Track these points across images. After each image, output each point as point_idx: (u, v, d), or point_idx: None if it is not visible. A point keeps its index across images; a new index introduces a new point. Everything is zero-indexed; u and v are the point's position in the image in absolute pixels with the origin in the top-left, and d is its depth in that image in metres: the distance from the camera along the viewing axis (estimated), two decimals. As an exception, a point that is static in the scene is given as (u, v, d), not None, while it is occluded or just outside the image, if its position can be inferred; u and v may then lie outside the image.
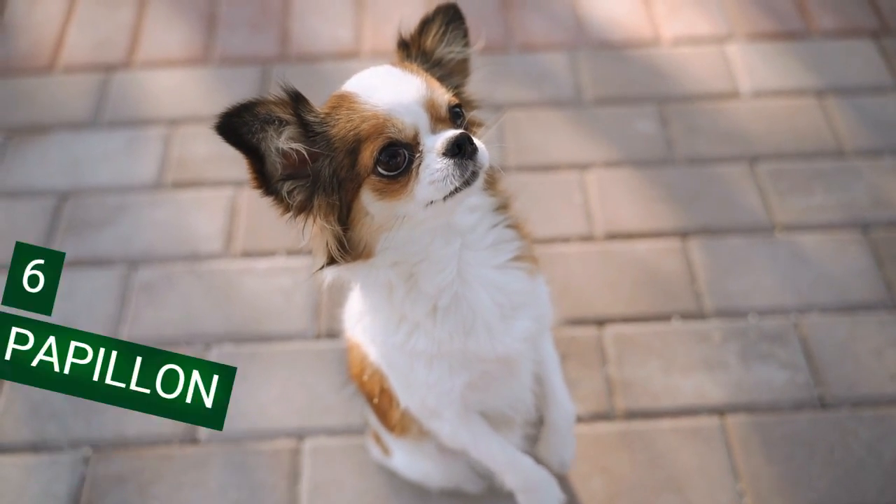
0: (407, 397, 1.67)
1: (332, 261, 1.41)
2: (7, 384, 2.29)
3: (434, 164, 1.33)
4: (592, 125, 2.87)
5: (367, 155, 1.34)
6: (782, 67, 3.01)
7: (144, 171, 2.78)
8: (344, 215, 1.38)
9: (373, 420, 1.97)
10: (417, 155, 1.35)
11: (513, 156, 2.77)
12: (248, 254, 2.56)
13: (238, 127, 1.30)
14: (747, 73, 2.98)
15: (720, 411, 2.19)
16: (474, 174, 1.36)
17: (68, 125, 2.93)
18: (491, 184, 1.53)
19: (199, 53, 3.13)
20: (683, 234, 2.56)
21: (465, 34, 1.54)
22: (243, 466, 2.13)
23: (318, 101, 1.51)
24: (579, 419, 2.18)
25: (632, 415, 2.20)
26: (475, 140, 1.36)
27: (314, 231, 1.41)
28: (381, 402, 1.77)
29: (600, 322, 2.37)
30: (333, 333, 2.38)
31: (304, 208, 1.38)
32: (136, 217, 2.66)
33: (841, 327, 2.34)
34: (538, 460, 1.84)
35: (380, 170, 1.34)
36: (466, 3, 1.60)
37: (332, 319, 2.41)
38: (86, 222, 2.65)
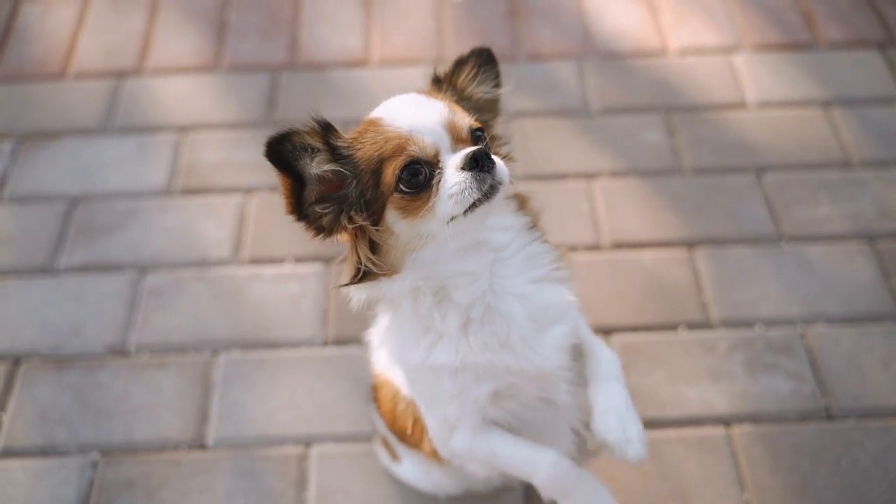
0: (430, 415, 1.65)
1: (357, 278, 1.45)
2: (17, 388, 2.31)
3: (452, 178, 1.38)
4: (599, 135, 2.89)
5: (390, 173, 1.39)
6: (789, 78, 3.02)
7: (154, 178, 2.80)
8: (371, 237, 1.43)
9: (381, 427, 1.97)
10: (437, 171, 1.39)
11: (520, 165, 2.78)
12: (256, 260, 2.58)
13: (285, 153, 1.37)
14: (754, 84, 3.00)
15: (726, 421, 2.20)
16: (493, 188, 1.39)
17: (79, 131, 2.95)
18: (522, 204, 1.57)
19: (210, 60, 3.16)
20: (690, 244, 2.57)
21: (497, 76, 1.60)
22: (251, 472, 2.14)
23: (328, 110, 1.53)
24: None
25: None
26: (494, 157, 1.40)
27: (345, 251, 1.47)
28: (414, 433, 1.76)
29: (607, 331, 2.37)
30: (341, 340, 2.39)
31: (332, 230, 1.44)
32: (146, 223, 2.68)
33: (847, 338, 2.34)
34: (605, 450, 1.60)
35: (402, 187, 1.39)
36: (475, 11, 1.62)
37: (340, 326, 2.42)
38: (96, 228, 2.67)
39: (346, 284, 1.48)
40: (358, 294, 1.51)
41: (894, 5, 3.24)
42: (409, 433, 1.77)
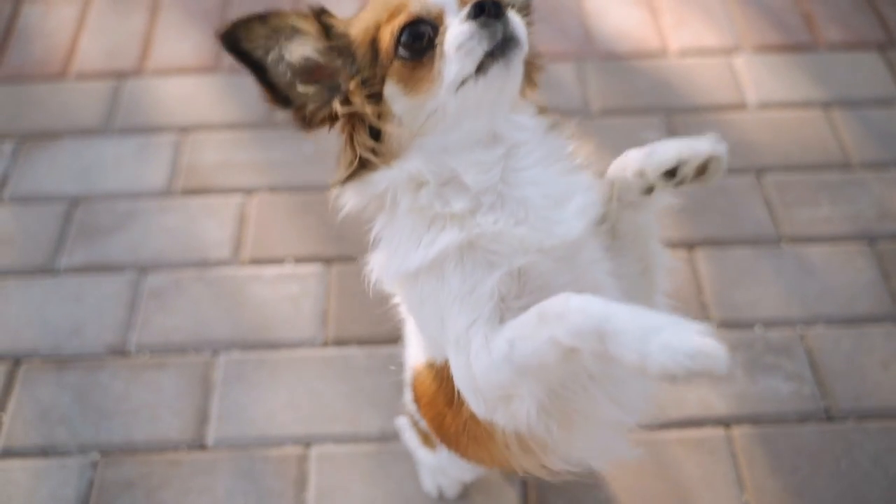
0: (450, 348, 1.32)
1: (352, 173, 1.29)
2: (17, 388, 2.31)
3: (457, 28, 1.22)
4: (600, 135, 2.89)
5: (388, 36, 1.25)
6: (789, 79, 3.02)
7: (155, 178, 2.80)
8: (369, 123, 1.28)
9: (415, 412, 1.77)
10: (442, 28, 1.24)
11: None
12: (256, 261, 2.58)
13: (239, 40, 1.25)
14: (754, 85, 3.00)
15: (726, 423, 2.20)
16: (507, 44, 1.22)
17: (80, 131, 2.95)
18: (542, 109, 1.39)
19: (210, 61, 3.16)
20: (690, 245, 2.57)
21: None
22: (251, 472, 2.15)
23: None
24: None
25: (637, 425, 2.20)
26: (505, 7, 1.24)
27: (340, 143, 1.33)
28: (454, 424, 1.49)
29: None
30: (341, 341, 2.39)
31: (322, 118, 1.30)
32: (146, 223, 2.68)
33: (847, 339, 2.34)
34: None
35: (402, 52, 1.24)
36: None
37: (340, 327, 2.42)
38: (96, 228, 2.68)
39: (341, 182, 1.32)
40: (352, 198, 1.33)
41: (894, 6, 3.24)
42: (447, 420, 1.48)
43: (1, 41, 3.26)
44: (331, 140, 3.12)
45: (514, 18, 1.26)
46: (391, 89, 1.27)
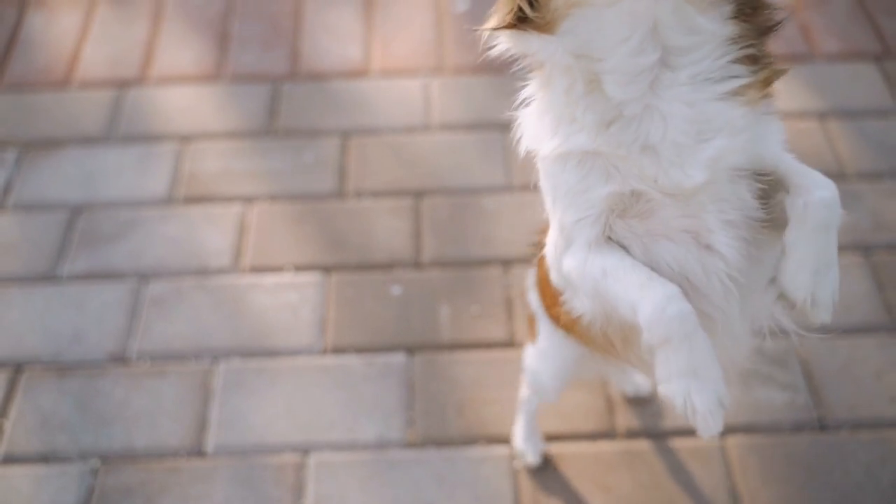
0: (552, 224, 1.38)
1: (507, 24, 1.23)
2: (18, 395, 2.34)
3: None
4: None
5: None
6: (785, 90, 3.03)
7: (156, 187, 2.83)
8: None
9: (534, 301, 1.82)
10: None
11: (517, 174, 2.81)
12: (256, 269, 2.61)
13: None
14: (751, 96, 3.02)
15: (720, 432, 2.21)
16: None
17: (82, 140, 2.98)
18: (751, 13, 1.22)
19: (211, 70, 3.19)
20: (686, 255, 2.59)
21: None
22: (249, 480, 2.17)
23: (328, 119, 1.54)
24: (581, 436, 2.21)
25: (633, 434, 2.22)
26: None
27: None
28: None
29: (602, 341, 2.40)
30: (339, 349, 2.41)
31: None
32: (148, 231, 2.71)
33: (841, 349, 2.36)
34: (786, 307, 1.41)
35: None
36: (475, 22, 1.62)
37: (338, 335, 2.45)
38: (98, 236, 2.70)
39: (494, 28, 1.25)
40: (506, 43, 1.27)
41: (891, 18, 3.27)
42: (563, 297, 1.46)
43: (5, 50, 3.30)
44: (331, 150, 3.14)
45: None
46: None
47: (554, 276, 1.43)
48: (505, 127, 2.97)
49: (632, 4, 1.14)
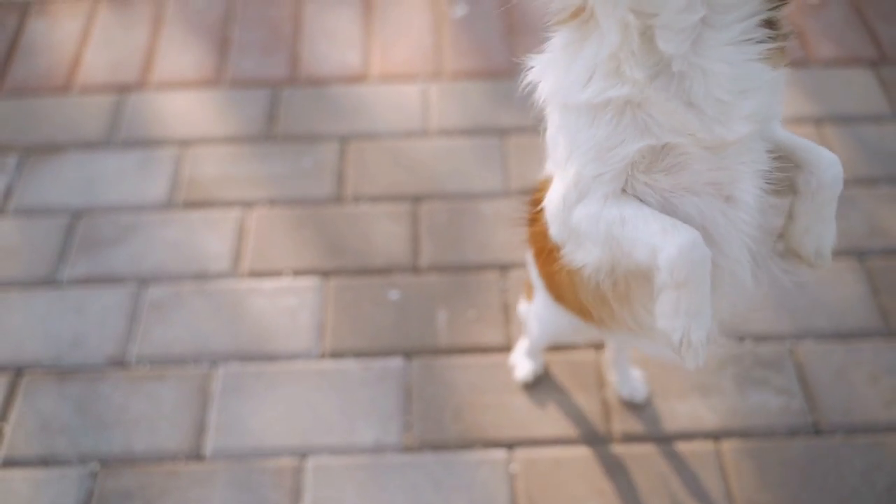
0: (561, 176, 1.38)
1: None
2: (19, 399, 2.35)
3: None
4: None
5: None
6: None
7: (156, 191, 2.85)
8: None
9: (530, 261, 1.88)
10: None
11: (515, 179, 2.83)
12: (255, 273, 2.62)
13: None
14: (747, 101, 3.03)
15: (715, 436, 2.23)
16: None
17: (83, 145, 3.00)
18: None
19: (211, 76, 3.21)
20: (682, 260, 2.60)
21: None
22: (247, 484, 2.18)
23: (327, 124, 1.55)
24: (577, 440, 2.23)
25: (628, 438, 2.24)
26: None
27: None
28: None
29: (598, 346, 2.41)
30: (337, 353, 2.43)
31: None
32: (147, 236, 2.73)
33: (836, 354, 2.37)
34: (791, 261, 1.51)
35: None
36: (474, 27, 1.63)
37: (336, 340, 2.46)
38: (98, 240, 2.72)
39: None
40: None
41: (887, 24, 3.29)
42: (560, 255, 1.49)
43: (6, 55, 3.32)
44: (329, 155, 3.15)
45: None
46: None
47: (555, 230, 1.43)
48: (503, 132, 2.99)
49: None
